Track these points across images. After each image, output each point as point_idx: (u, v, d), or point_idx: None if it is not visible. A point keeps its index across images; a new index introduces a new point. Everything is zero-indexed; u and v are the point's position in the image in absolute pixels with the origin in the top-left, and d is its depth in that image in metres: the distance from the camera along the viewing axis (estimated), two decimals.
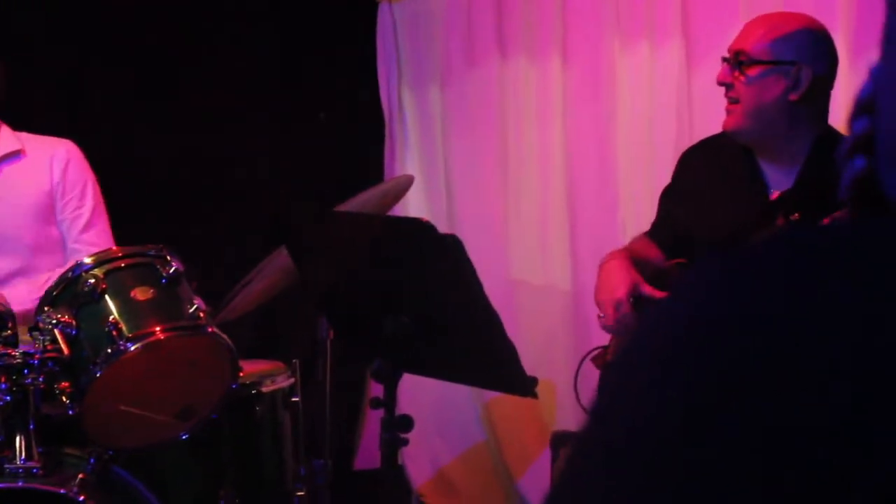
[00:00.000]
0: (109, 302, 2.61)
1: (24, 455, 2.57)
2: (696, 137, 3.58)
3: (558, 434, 3.68)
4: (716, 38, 3.64)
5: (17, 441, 2.57)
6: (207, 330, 2.65)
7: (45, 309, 2.61)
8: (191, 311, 2.65)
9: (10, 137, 3.33)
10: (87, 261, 2.65)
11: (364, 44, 4.56)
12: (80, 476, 2.58)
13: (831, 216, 2.49)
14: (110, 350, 2.54)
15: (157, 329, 2.59)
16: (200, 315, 2.65)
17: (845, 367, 0.51)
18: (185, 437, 2.77)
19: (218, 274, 3.29)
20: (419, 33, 4.54)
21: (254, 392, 3.02)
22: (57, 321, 2.57)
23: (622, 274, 2.92)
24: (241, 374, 2.76)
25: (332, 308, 2.73)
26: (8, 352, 2.53)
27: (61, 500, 2.54)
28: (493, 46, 4.41)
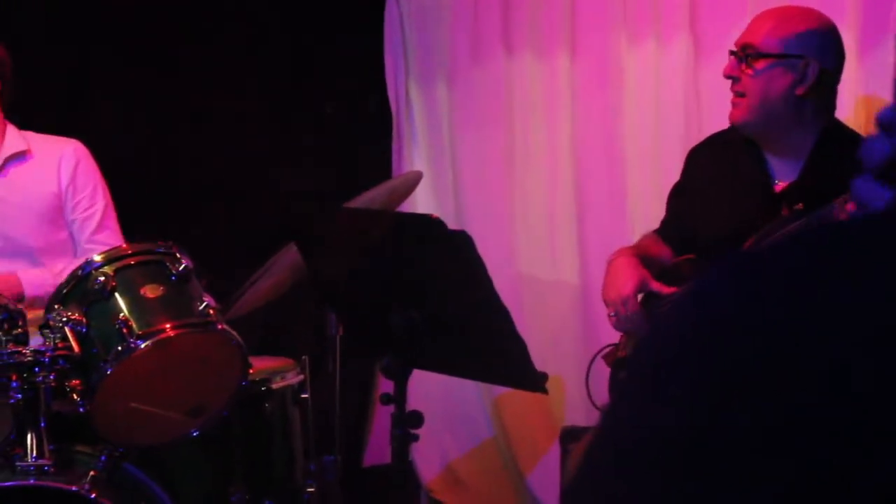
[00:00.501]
0: (119, 299, 2.61)
1: (35, 453, 2.58)
2: (704, 133, 3.57)
3: (568, 429, 3.68)
4: (723, 33, 3.64)
5: (29, 439, 2.58)
6: (217, 327, 2.66)
7: (56, 307, 2.61)
8: (200, 308, 2.66)
9: (16, 137, 3.31)
10: (97, 259, 2.65)
11: (371, 40, 4.56)
12: (92, 473, 2.60)
13: (832, 202, 2.49)
14: (120, 348, 2.55)
15: (167, 326, 2.60)
16: (210, 312, 2.66)
17: (845, 367, 0.51)
18: (195, 434, 2.78)
19: (226, 272, 3.29)
20: (426, 29, 4.54)
21: (263, 389, 3.03)
22: (67, 319, 2.58)
23: (630, 271, 2.93)
24: (250, 371, 2.77)
25: (341, 304, 2.73)
26: (19, 350, 2.54)
27: (73, 498, 2.55)
28: (500, 42, 4.41)
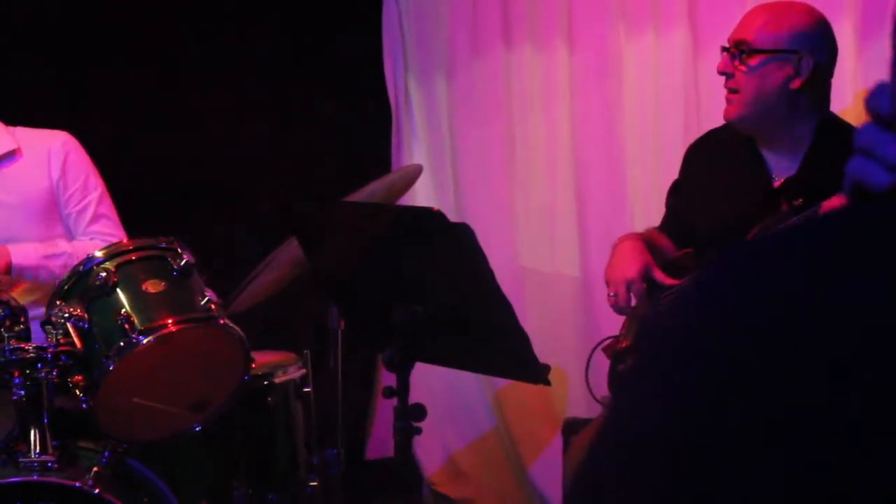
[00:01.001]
0: (121, 295, 2.61)
1: (38, 449, 2.58)
2: (703, 124, 3.57)
3: (570, 421, 3.67)
4: (721, 25, 3.63)
5: (32, 435, 2.59)
6: (219, 322, 2.66)
7: (58, 303, 2.61)
8: (202, 303, 2.66)
9: (4, 135, 3.23)
10: (99, 254, 2.65)
11: (369, 35, 4.55)
12: (95, 469, 2.60)
13: (828, 200, 2.49)
14: (123, 343, 2.55)
15: (170, 321, 2.60)
16: (212, 307, 2.66)
17: (844, 368, 0.51)
18: (198, 429, 2.79)
19: (227, 267, 3.29)
20: (424, 22, 4.53)
21: (266, 383, 3.03)
22: (69, 315, 2.58)
23: (635, 254, 2.92)
24: (252, 366, 2.77)
25: (343, 298, 2.73)
26: (21, 346, 2.54)
27: (76, 494, 2.55)
28: (499, 35, 4.40)
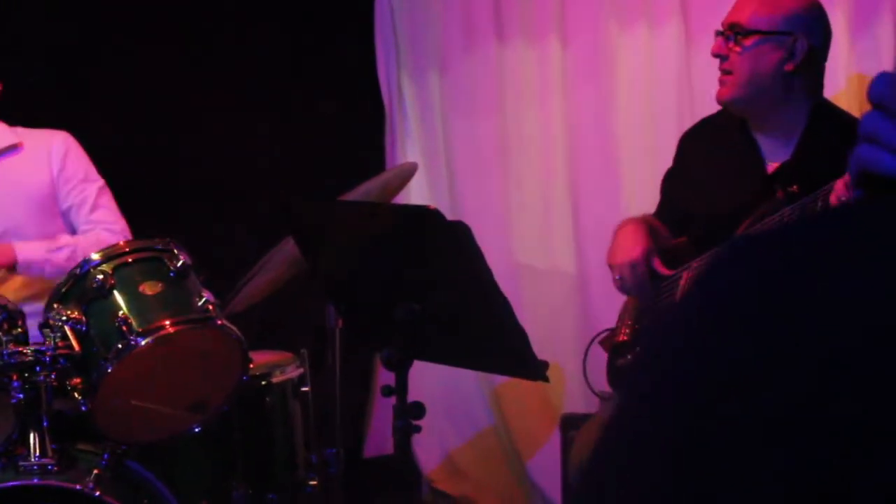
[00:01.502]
0: (118, 297, 2.61)
1: (38, 452, 2.58)
2: (697, 116, 3.56)
3: (567, 416, 3.68)
4: (714, 17, 3.61)
5: (31, 438, 2.59)
6: (217, 322, 2.66)
7: (55, 306, 2.61)
8: (200, 303, 2.66)
9: (6, 132, 3.34)
10: (95, 257, 2.66)
11: (362, 32, 4.55)
12: (95, 472, 2.60)
13: (829, 186, 2.49)
14: (121, 345, 2.55)
15: (167, 323, 2.60)
16: (210, 308, 2.66)
17: (845, 366, 0.51)
18: (197, 429, 2.78)
19: (224, 268, 3.29)
20: (417, 19, 4.52)
21: (264, 383, 3.03)
22: (67, 318, 2.58)
23: (639, 236, 2.93)
24: (250, 366, 2.77)
25: (341, 297, 2.73)
26: (19, 349, 2.54)
27: (77, 497, 2.55)
28: (491, 30, 4.40)
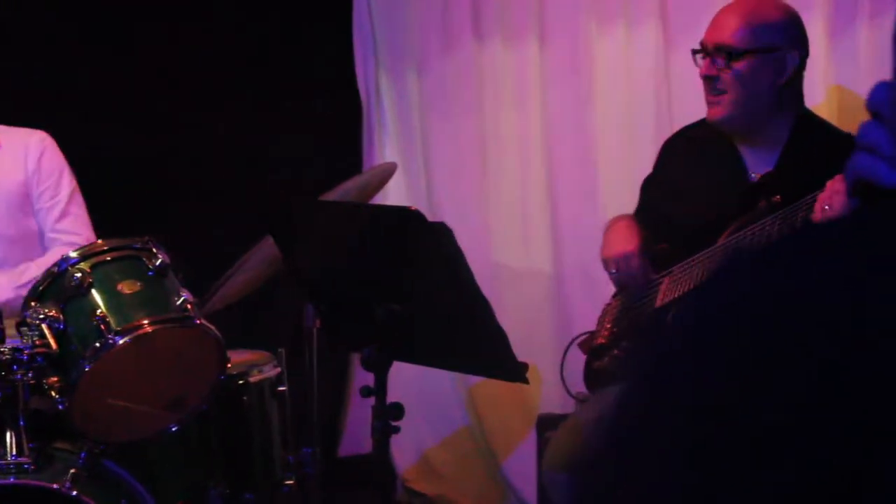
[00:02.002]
0: (96, 296, 2.60)
1: (14, 451, 2.56)
2: (675, 119, 3.58)
3: (543, 417, 3.69)
4: (692, 20, 3.65)
5: (8, 437, 2.57)
6: (195, 322, 2.65)
7: (32, 304, 2.60)
8: (178, 303, 2.65)
9: None
10: (73, 255, 2.64)
11: (339, 31, 4.53)
12: (72, 471, 2.58)
13: (811, 196, 2.50)
14: (98, 344, 2.54)
15: (145, 322, 2.59)
16: (188, 307, 2.65)
17: (844, 369, 0.51)
18: (174, 428, 2.77)
19: (202, 266, 3.28)
20: (395, 18, 4.52)
21: (241, 382, 3.02)
22: (44, 316, 2.56)
23: (632, 232, 2.96)
24: (228, 365, 2.76)
25: (320, 298, 2.72)
26: None
27: (54, 496, 2.54)
28: (470, 30, 4.40)
